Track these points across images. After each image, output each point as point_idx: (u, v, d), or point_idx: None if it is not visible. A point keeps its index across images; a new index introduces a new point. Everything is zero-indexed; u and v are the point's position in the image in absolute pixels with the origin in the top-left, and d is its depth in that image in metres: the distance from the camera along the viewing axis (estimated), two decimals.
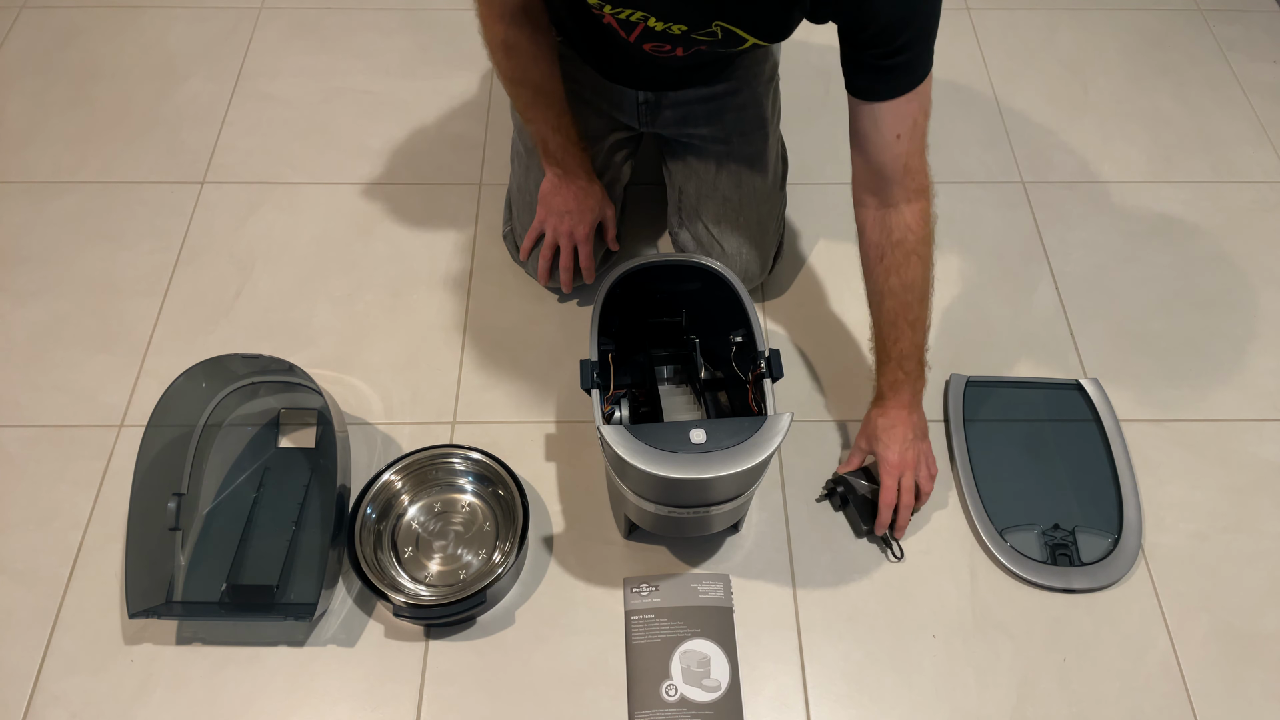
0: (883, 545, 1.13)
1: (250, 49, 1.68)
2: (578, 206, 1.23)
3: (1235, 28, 1.76)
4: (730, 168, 1.23)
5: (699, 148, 1.25)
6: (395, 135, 1.55)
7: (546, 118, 1.15)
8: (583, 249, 1.26)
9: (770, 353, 0.97)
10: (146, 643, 1.06)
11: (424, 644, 1.06)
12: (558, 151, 1.18)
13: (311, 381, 1.13)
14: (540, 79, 1.12)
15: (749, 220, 1.25)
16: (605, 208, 1.25)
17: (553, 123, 1.16)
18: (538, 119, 1.16)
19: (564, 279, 1.29)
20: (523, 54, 1.09)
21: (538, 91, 1.13)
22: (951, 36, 1.73)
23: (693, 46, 1.02)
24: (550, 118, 1.15)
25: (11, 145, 1.52)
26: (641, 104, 1.23)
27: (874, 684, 1.04)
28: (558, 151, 1.18)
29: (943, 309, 1.35)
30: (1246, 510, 1.18)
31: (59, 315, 1.32)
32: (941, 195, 1.49)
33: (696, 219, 1.27)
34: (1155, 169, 1.54)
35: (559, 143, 1.17)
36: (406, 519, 1.13)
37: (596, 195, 1.24)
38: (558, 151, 1.18)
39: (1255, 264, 1.42)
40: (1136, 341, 1.33)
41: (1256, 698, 1.04)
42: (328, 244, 1.41)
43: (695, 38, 0.99)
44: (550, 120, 1.16)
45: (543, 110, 1.15)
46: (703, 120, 1.23)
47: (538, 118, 1.16)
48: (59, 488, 1.16)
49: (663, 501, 0.95)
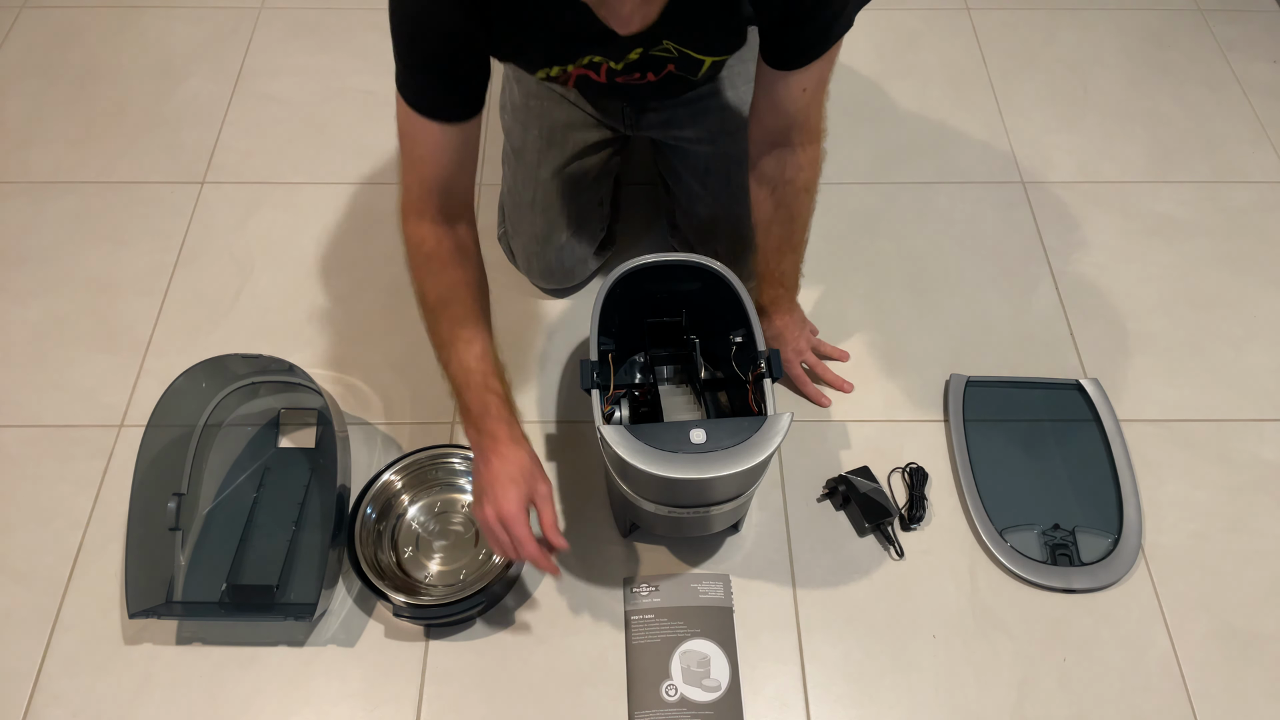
0: (883, 544, 1.13)
1: (250, 49, 1.68)
2: (498, 480, 0.93)
3: (1235, 28, 1.76)
4: (719, 167, 1.24)
5: (686, 150, 1.25)
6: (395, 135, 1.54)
7: (463, 354, 0.95)
8: (515, 529, 0.92)
9: (770, 353, 0.97)
10: (146, 643, 1.06)
11: (424, 644, 1.06)
12: (474, 404, 0.94)
13: (311, 381, 1.13)
14: (461, 294, 0.96)
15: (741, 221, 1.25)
16: (536, 482, 0.95)
17: (472, 359, 0.95)
18: (454, 355, 0.95)
19: (543, 566, 0.95)
20: (444, 260, 0.95)
21: (453, 317, 0.95)
22: (951, 36, 1.73)
23: (661, 68, 1.01)
24: (468, 353, 0.95)
25: (11, 145, 1.52)
26: (625, 108, 1.23)
27: (874, 684, 1.04)
28: (474, 404, 0.94)
29: (943, 309, 1.35)
30: (1246, 510, 1.18)
31: (59, 315, 1.32)
32: (941, 195, 1.49)
33: (691, 219, 1.27)
34: (1155, 169, 1.54)
35: (474, 387, 0.94)
36: (406, 519, 1.13)
37: (518, 458, 0.94)
38: (474, 404, 0.94)
39: (1255, 264, 1.42)
40: (1136, 341, 1.33)
41: (1256, 698, 1.04)
42: (328, 244, 1.41)
43: (654, 55, 0.98)
44: (467, 355, 0.95)
45: (459, 343, 0.95)
46: (687, 122, 1.23)
47: (454, 354, 0.95)
48: (59, 488, 1.16)
49: (663, 501, 0.95)
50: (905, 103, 1.61)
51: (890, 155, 1.54)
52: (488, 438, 0.94)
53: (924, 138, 1.57)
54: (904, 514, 1.16)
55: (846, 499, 1.15)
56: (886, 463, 1.20)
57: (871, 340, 1.32)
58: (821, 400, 1.25)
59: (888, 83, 1.64)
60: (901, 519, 1.15)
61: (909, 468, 1.19)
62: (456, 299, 0.96)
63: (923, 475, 1.18)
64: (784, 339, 1.24)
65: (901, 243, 1.43)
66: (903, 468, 1.20)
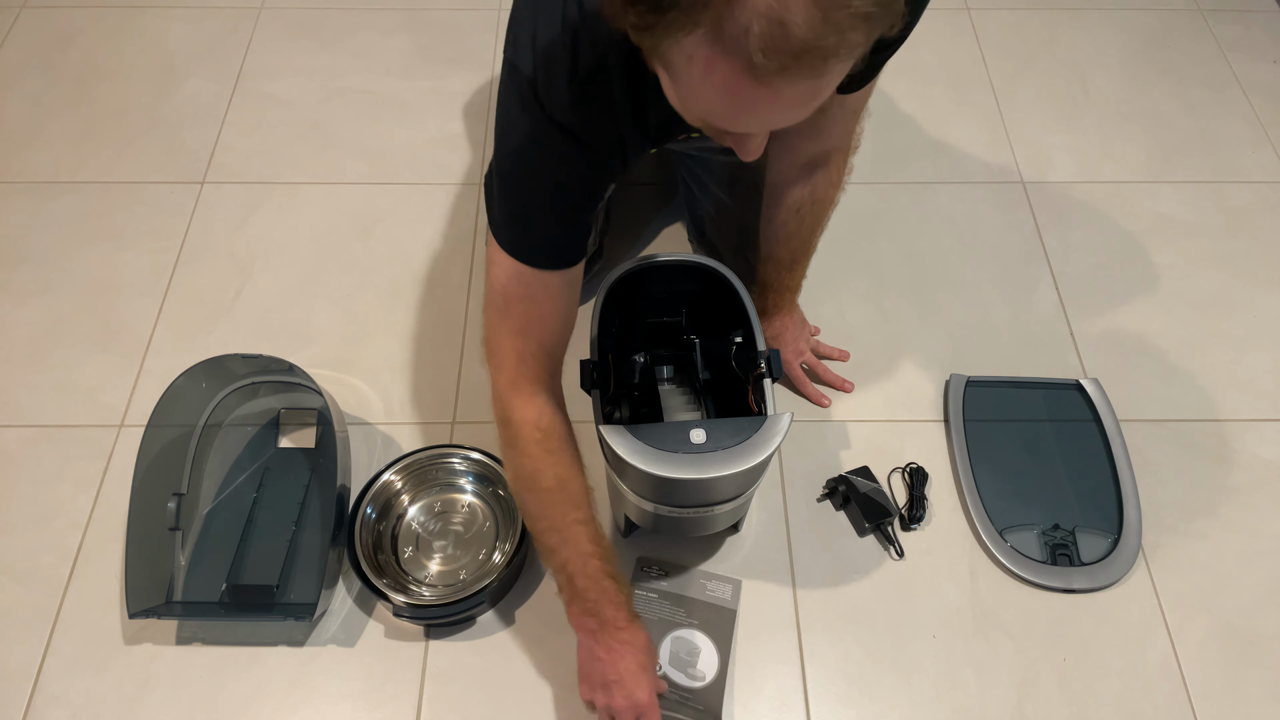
0: (884, 544, 1.13)
1: (250, 49, 1.68)
2: (628, 670, 0.91)
3: (1235, 28, 1.76)
4: (743, 180, 1.23)
5: (709, 160, 1.25)
6: (395, 135, 1.55)
7: (578, 537, 0.89)
8: (651, 718, 0.92)
9: (770, 353, 0.96)
10: (146, 643, 1.06)
11: (424, 644, 1.06)
12: (590, 589, 0.89)
13: (311, 381, 1.13)
14: (577, 473, 0.90)
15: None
16: (654, 654, 0.96)
17: (586, 542, 0.89)
18: (567, 539, 0.89)
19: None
20: (562, 438, 0.89)
21: (569, 499, 0.89)
22: (951, 36, 1.73)
23: None
24: (583, 536, 0.89)
25: (11, 145, 1.52)
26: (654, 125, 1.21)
27: (874, 684, 1.04)
28: (590, 589, 0.89)
29: (943, 309, 1.35)
30: (1246, 510, 1.18)
31: (59, 315, 1.32)
32: (941, 195, 1.49)
33: (718, 233, 1.27)
34: (1155, 169, 1.54)
35: (591, 573, 0.89)
36: (406, 519, 1.13)
37: (642, 643, 0.93)
38: (590, 589, 0.89)
39: (1255, 264, 1.42)
40: (1136, 341, 1.33)
41: (1256, 698, 1.04)
42: (328, 244, 1.41)
43: None
44: (583, 539, 0.89)
45: (573, 525, 0.89)
46: None
47: (567, 537, 0.89)
48: (59, 488, 1.16)
49: (663, 501, 0.95)
50: (905, 103, 1.61)
51: (890, 155, 1.54)
52: (609, 625, 0.91)
53: (924, 138, 1.56)
54: (904, 514, 1.16)
55: (846, 499, 1.15)
56: (886, 463, 1.20)
57: (871, 340, 1.32)
58: (821, 400, 1.25)
59: (888, 83, 1.64)
60: (901, 519, 1.15)
61: (909, 468, 1.19)
62: (574, 479, 0.90)
63: (923, 475, 1.18)
64: (784, 339, 1.24)
65: (901, 243, 1.43)
66: (903, 468, 1.20)
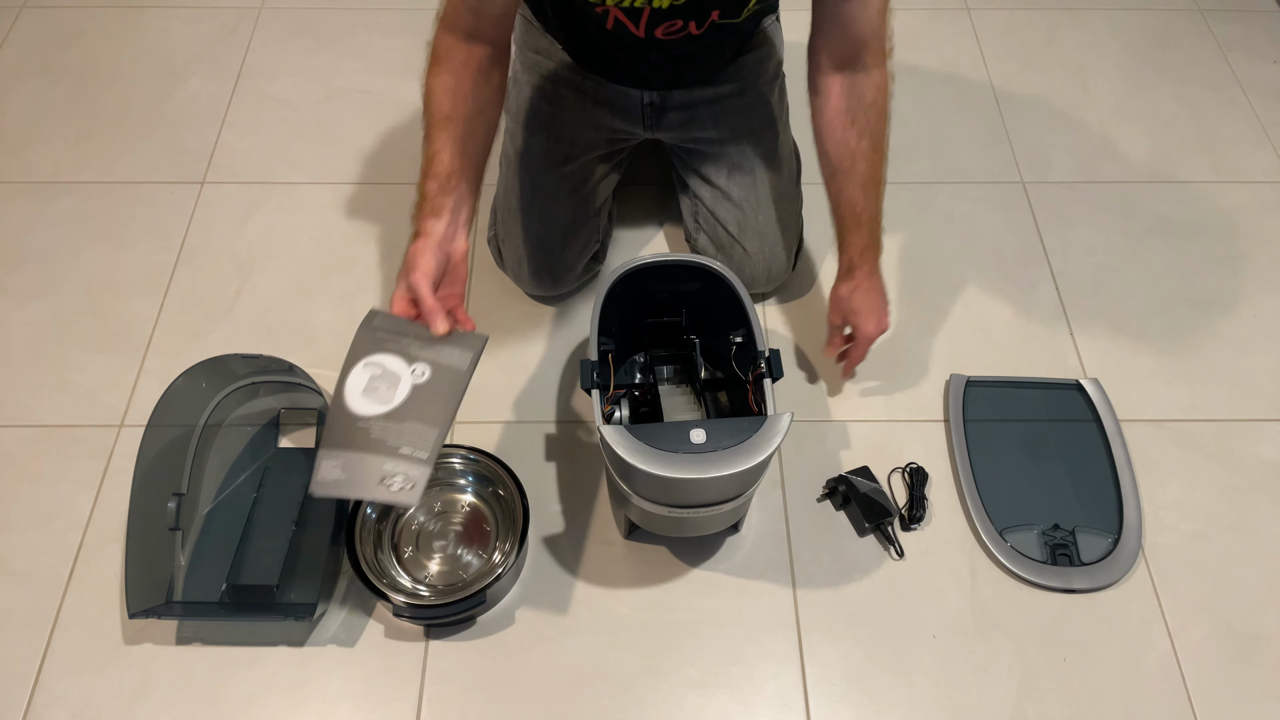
0: (884, 544, 1.13)
1: (250, 49, 1.68)
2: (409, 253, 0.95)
3: (1235, 28, 1.76)
4: (743, 168, 1.23)
5: (707, 152, 1.25)
6: (395, 135, 1.55)
7: (425, 152, 0.97)
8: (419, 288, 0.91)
9: (770, 353, 0.97)
10: (146, 643, 1.06)
11: (424, 644, 1.06)
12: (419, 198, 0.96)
13: (311, 381, 1.13)
14: (441, 97, 0.97)
15: (767, 220, 1.25)
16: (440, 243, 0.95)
17: (424, 160, 0.97)
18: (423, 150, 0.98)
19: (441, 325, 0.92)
20: (447, 65, 0.97)
21: (430, 117, 0.98)
22: (951, 36, 1.73)
23: (705, 17, 1.00)
24: (426, 153, 0.97)
25: (11, 145, 1.52)
26: (647, 105, 1.23)
27: (874, 684, 1.04)
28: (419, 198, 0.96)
29: (943, 309, 1.35)
30: (1246, 510, 1.18)
31: (59, 315, 1.32)
32: (941, 195, 1.49)
33: (714, 223, 1.27)
34: (1155, 169, 1.54)
35: (418, 184, 0.97)
36: (406, 519, 1.13)
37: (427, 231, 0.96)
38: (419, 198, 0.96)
39: (1255, 264, 1.42)
40: (1136, 341, 1.33)
41: (1256, 698, 1.04)
42: (328, 244, 1.41)
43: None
44: (425, 156, 0.97)
45: (427, 140, 0.97)
46: (709, 122, 1.23)
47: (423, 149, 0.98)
48: (59, 488, 1.16)
49: (663, 501, 0.95)
50: (905, 103, 1.61)
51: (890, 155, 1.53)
52: (417, 232, 0.95)
53: (924, 138, 1.57)
54: (904, 514, 1.16)
55: (846, 499, 1.15)
56: (886, 463, 1.20)
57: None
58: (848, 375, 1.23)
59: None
60: (901, 519, 1.15)
61: (909, 468, 1.19)
62: (434, 99, 0.97)
63: (923, 475, 1.18)
64: (869, 309, 1.12)
65: (901, 243, 1.43)
66: (903, 468, 1.20)
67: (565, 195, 1.23)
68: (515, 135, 1.25)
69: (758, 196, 1.23)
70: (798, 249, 1.33)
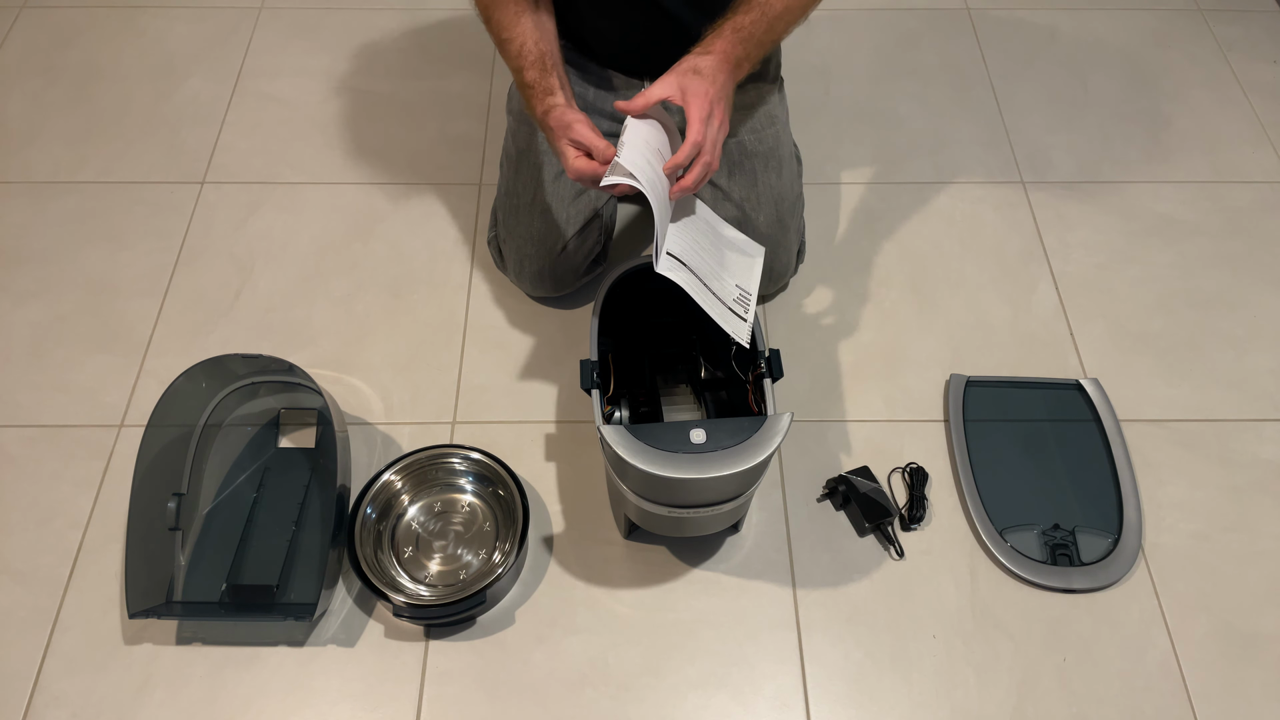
0: (884, 544, 1.14)
1: (250, 49, 1.68)
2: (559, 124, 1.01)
3: (1235, 28, 1.76)
4: (743, 168, 1.23)
5: None
6: (395, 135, 1.55)
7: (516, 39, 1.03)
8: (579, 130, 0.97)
9: (770, 353, 0.97)
10: (146, 643, 1.06)
11: (424, 644, 1.06)
12: (525, 88, 1.03)
13: (311, 381, 1.13)
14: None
15: (768, 220, 1.25)
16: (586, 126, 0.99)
17: (514, 55, 1.04)
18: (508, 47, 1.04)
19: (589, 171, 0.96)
20: None
21: (509, 11, 1.04)
22: (951, 36, 1.73)
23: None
24: (511, 47, 1.04)
25: (11, 145, 1.52)
26: (648, 82, 1.22)
27: (874, 684, 1.04)
28: (525, 88, 1.03)
29: (943, 309, 1.35)
30: (1246, 510, 1.18)
31: (59, 315, 1.32)
32: (941, 195, 1.49)
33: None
34: (1155, 169, 1.54)
35: (520, 79, 1.04)
36: (406, 519, 1.13)
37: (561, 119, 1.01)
38: (525, 88, 1.03)
39: (1255, 264, 1.42)
40: (1136, 341, 1.33)
41: (1256, 698, 1.04)
42: (328, 244, 1.41)
43: None
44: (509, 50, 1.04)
45: (512, 35, 1.04)
46: None
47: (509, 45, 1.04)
48: (59, 488, 1.16)
49: (663, 501, 0.95)
50: (905, 103, 1.61)
51: (890, 155, 1.54)
52: (541, 121, 1.02)
53: (924, 138, 1.57)
54: (904, 514, 1.16)
55: (846, 499, 1.15)
56: (886, 463, 1.20)
57: (871, 340, 1.32)
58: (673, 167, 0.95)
59: (888, 83, 1.64)
60: (901, 519, 1.15)
61: (909, 468, 1.19)
62: (496, 11, 1.04)
63: (923, 475, 1.18)
64: (713, 75, 0.95)
65: (901, 243, 1.43)
66: (903, 468, 1.20)
67: (567, 196, 1.23)
68: (519, 135, 1.25)
69: (758, 196, 1.23)
70: (799, 249, 1.33)
